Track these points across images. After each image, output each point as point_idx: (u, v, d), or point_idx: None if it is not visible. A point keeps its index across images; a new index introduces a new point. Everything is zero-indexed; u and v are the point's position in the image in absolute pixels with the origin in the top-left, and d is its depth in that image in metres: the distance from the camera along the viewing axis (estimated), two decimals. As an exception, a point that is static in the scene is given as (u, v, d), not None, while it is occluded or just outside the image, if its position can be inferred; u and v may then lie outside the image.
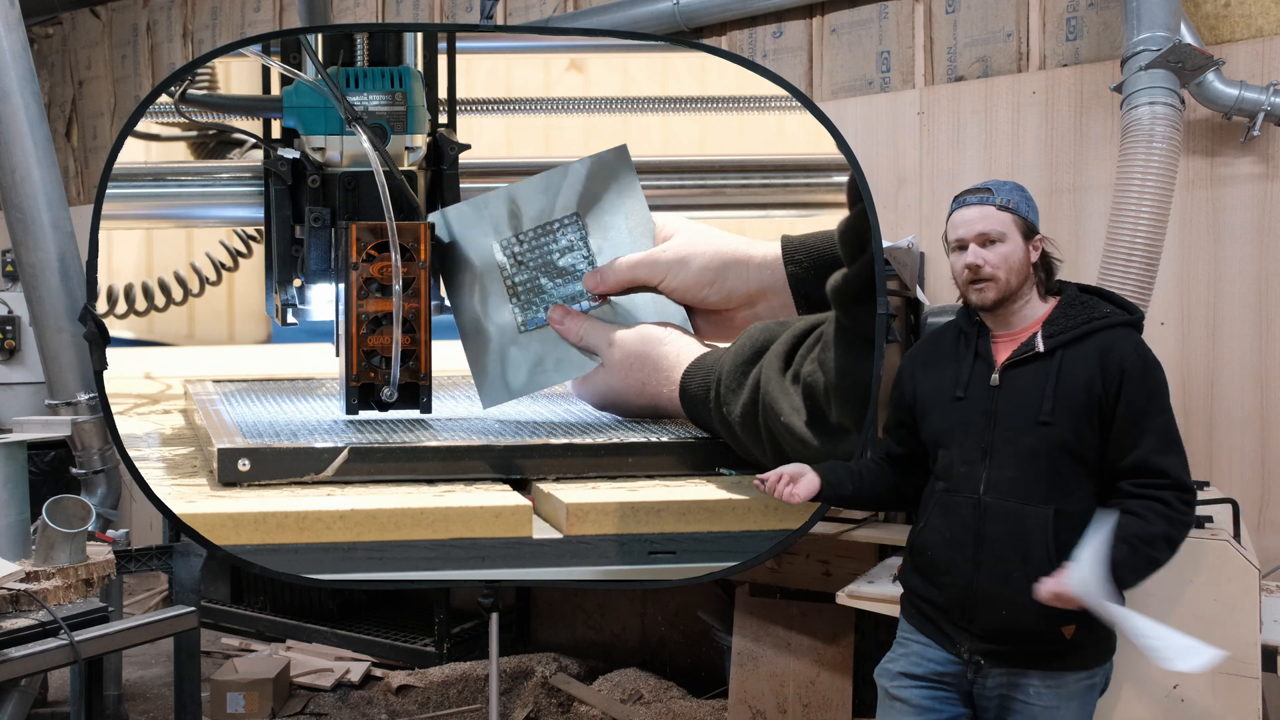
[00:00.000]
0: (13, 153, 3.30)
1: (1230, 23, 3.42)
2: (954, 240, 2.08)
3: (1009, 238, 2.03)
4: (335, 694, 4.31)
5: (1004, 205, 2.04)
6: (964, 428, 2.05)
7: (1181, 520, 1.94)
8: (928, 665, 2.08)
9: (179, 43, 6.17)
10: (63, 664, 2.45)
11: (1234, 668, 2.29)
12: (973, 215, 2.05)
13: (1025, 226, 2.05)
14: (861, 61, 4.06)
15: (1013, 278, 2.03)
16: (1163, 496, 1.93)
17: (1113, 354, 1.97)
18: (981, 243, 2.03)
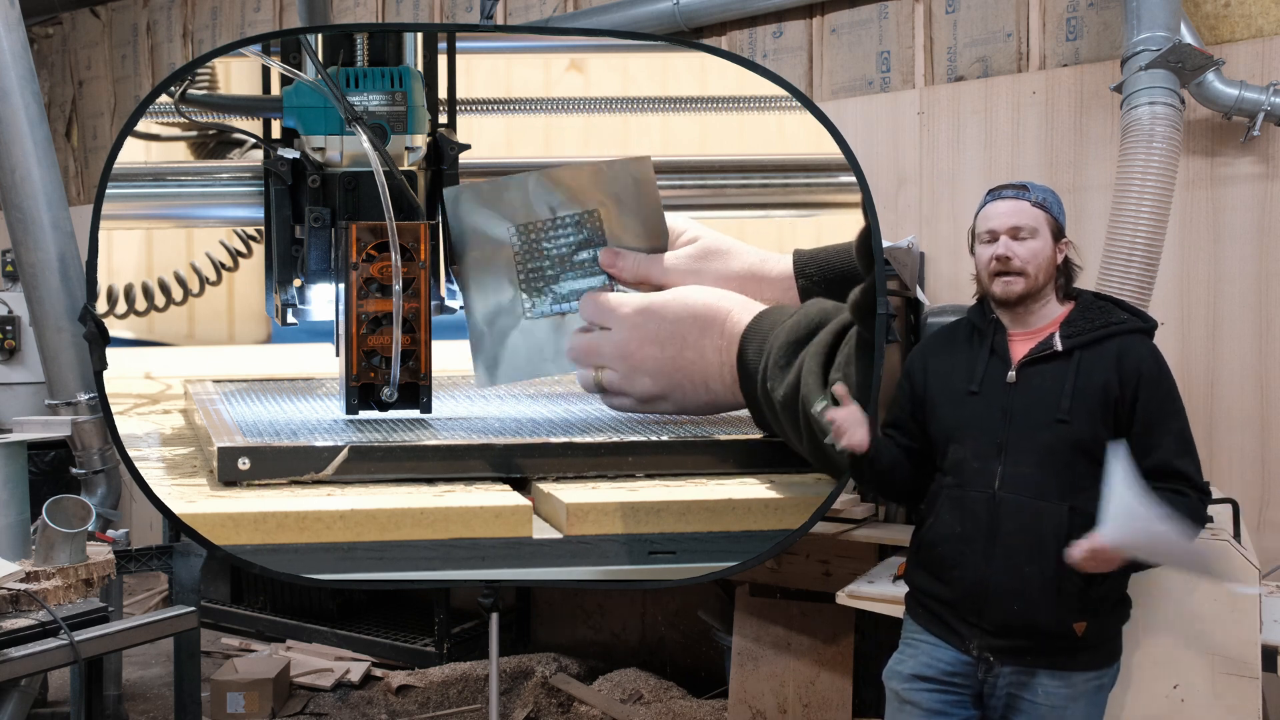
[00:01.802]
0: (13, 153, 3.30)
1: (1230, 23, 3.42)
2: (985, 231, 2.10)
3: (1040, 234, 2.06)
4: (335, 694, 4.31)
5: (1038, 203, 2.07)
6: (978, 423, 2.06)
7: (1200, 517, 1.99)
8: (938, 666, 2.08)
9: (179, 43, 6.17)
10: (63, 664, 2.45)
11: (1234, 668, 2.29)
12: (1007, 209, 2.07)
13: (1056, 226, 2.08)
14: (861, 61, 4.06)
15: (1040, 274, 2.05)
16: (1183, 491, 1.97)
17: (1130, 358, 2.00)
18: (1013, 235, 2.05)
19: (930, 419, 2.16)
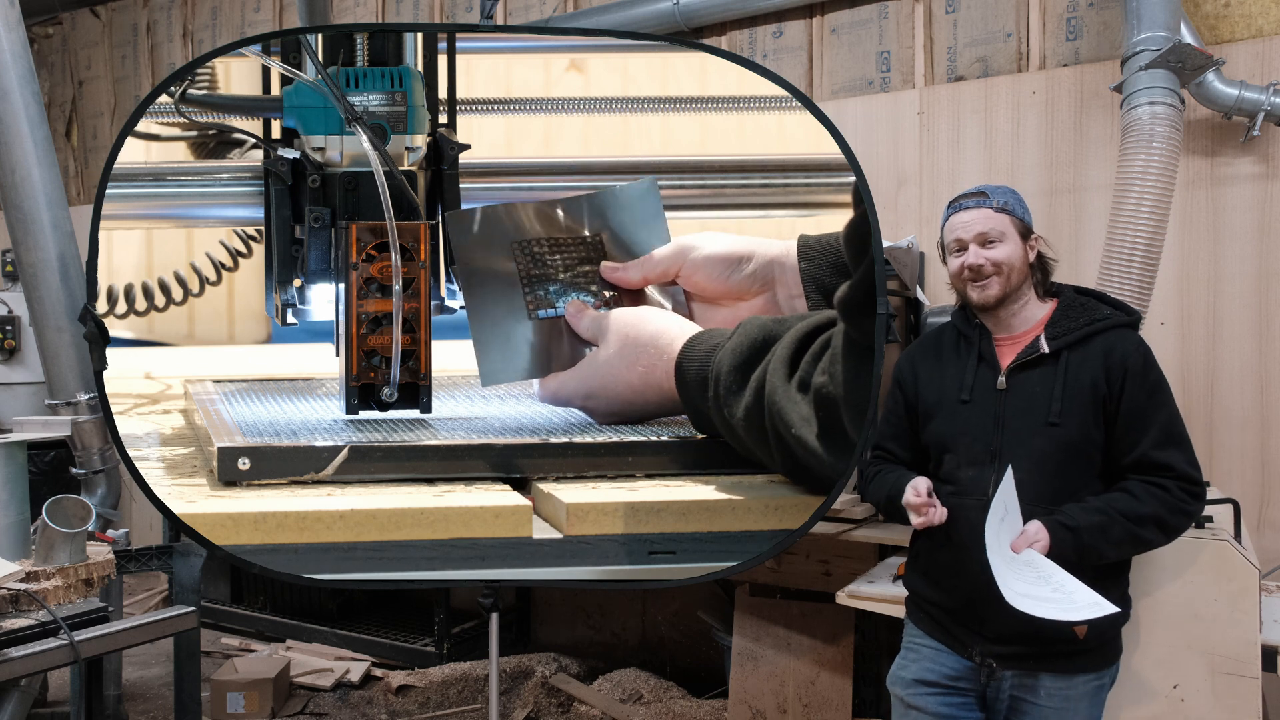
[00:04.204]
0: (13, 153, 3.30)
1: (1230, 23, 3.42)
2: (952, 242, 2.10)
3: (1008, 237, 2.06)
4: (335, 694, 4.31)
5: (1000, 207, 2.07)
6: (970, 431, 2.05)
7: (1180, 508, 1.96)
8: (941, 670, 2.08)
9: (179, 43, 6.17)
10: (63, 664, 2.45)
11: (1234, 668, 2.29)
12: (970, 218, 2.08)
13: (1022, 227, 2.08)
14: (861, 61, 4.06)
15: (1014, 275, 2.05)
16: (1162, 483, 1.95)
17: (1116, 354, 1.99)
18: (981, 243, 2.06)
19: (924, 428, 2.15)
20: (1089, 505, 1.95)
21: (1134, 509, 1.93)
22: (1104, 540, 1.92)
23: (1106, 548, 1.93)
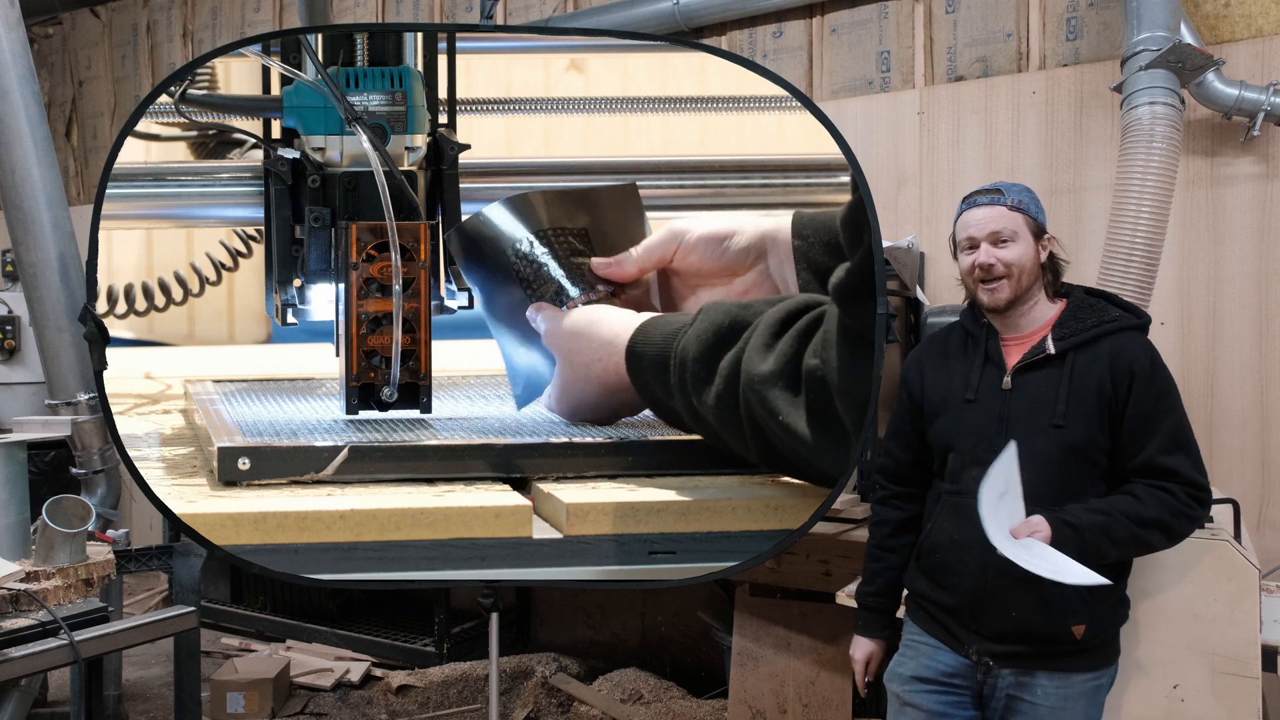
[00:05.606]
0: (13, 153, 3.30)
1: (1230, 23, 3.42)
2: (964, 239, 2.07)
3: (1020, 237, 2.03)
4: (335, 694, 4.31)
5: (1015, 205, 2.04)
6: (975, 431, 2.04)
7: (1184, 513, 1.95)
8: (937, 668, 2.08)
9: (179, 43, 6.17)
10: (63, 664, 2.45)
11: (1234, 668, 2.29)
12: (984, 215, 2.05)
13: (1035, 226, 2.05)
14: (861, 61, 4.06)
15: (1024, 277, 2.03)
16: (1168, 488, 1.94)
17: (1123, 357, 1.98)
18: (994, 242, 2.03)
19: (929, 427, 2.15)
20: (1092, 505, 1.94)
21: (1138, 511, 1.92)
22: (1106, 539, 1.91)
23: (1108, 547, 1.92)
